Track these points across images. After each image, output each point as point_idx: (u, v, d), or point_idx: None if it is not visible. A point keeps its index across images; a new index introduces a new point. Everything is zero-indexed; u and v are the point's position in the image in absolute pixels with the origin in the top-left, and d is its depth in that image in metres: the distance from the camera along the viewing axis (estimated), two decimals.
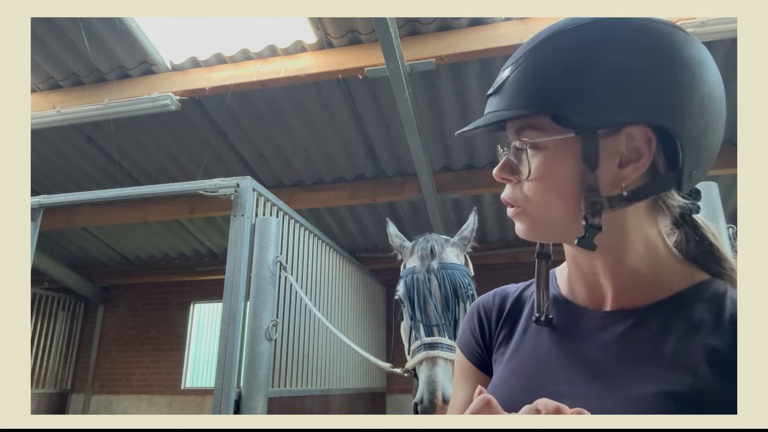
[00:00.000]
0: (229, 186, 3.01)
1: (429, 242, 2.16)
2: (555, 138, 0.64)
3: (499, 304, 0.84)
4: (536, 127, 0.65)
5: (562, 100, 0.62)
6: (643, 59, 0.61)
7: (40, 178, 5.04)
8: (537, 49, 0.66)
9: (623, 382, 0.63)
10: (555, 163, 0.64)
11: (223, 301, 2.86)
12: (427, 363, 1.87)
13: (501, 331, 0.81)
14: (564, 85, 0.62)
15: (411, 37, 3.19)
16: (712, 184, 1.86)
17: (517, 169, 0.68)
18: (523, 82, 0.65)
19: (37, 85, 3.77)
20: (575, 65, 0.63)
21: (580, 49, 0.63)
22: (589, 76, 0.62)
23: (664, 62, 0.62)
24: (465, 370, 0.84)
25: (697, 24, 2.72)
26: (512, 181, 0.69)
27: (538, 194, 0.66)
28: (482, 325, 0.84)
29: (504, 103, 0.66)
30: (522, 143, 0.66)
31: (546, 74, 0.64)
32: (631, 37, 0.62)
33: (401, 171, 4.81)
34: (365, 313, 5.33)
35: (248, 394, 2.70)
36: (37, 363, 7.03)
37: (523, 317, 0.80)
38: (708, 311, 0.65)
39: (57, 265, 6.81)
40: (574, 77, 0.62)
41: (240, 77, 3.41)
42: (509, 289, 0.86)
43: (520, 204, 0.68)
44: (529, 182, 0.66)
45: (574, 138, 0.63)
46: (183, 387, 7.14)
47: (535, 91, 0.64)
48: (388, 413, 5.93)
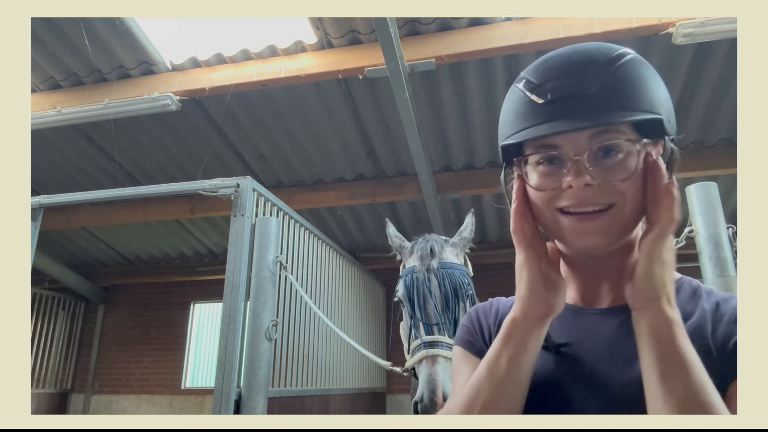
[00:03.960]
0: (229, 186, 3.01)
1: (428, 242, 2.16)
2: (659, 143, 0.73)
3: (496, 309, 0.91)
4: (618, 132, 0.71)
5: (662, 110, 0.71)
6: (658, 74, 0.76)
7: (40, 178, 5.04)
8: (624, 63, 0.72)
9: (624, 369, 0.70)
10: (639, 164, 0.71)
11: (223, 301, 2.86)
12: (427, 361, 1.87)
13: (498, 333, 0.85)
14: (663, 98, 0.72)
15: (411, 37, 3.19)
16: (712, 184, 1.86)
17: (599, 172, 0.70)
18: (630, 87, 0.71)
19: (38, 85, 3.77)
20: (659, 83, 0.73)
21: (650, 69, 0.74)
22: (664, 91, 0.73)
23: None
24: (466, 360, 0.87)
25: (697, 24, 2.71)
26: (593, 185, 0.70)
27: (635, 190, 0.70)
28: (481, 323, 0.90)
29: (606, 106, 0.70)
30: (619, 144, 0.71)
31: (647, 85, 0.71)
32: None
33: (401, 171, 4.81)
34: (365, 313, 5.33)
35: (248, 394, 2.70)
36: (37, 363, 7.03)
37: None
38: (689, 302, 0.75)
39: (57, 265, 6.81)
40: (664, 92, 0.73)
41: (240, 77, 3.41)
42: (503, 299, 0.94)
43: (616, 200, 0.70)
44: (631, 181, 0.70)
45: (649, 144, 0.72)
46: (183, 387, 7.15)
47: (643, 97, 0.70)
48: (388, 413, 5.94)
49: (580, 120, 0.69)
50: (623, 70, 0.71)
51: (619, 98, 0.70)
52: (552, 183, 0.72)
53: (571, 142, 0.71)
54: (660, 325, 0.64)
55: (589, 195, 0.70)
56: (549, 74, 0.73)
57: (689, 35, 2.77)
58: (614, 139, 0.70)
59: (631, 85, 0.70)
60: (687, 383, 0.60)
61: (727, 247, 1.76)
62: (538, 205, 0.74)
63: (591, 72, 0.71)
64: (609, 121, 0.69)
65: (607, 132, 0.70)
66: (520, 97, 0.75)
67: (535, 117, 0.72)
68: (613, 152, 0.70)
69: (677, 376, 0.60)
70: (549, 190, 0.72)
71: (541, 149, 0.73)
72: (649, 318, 0.65)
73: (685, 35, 2.77)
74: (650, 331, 0.64)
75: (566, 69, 0.73)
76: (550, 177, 0.73)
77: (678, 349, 0.62)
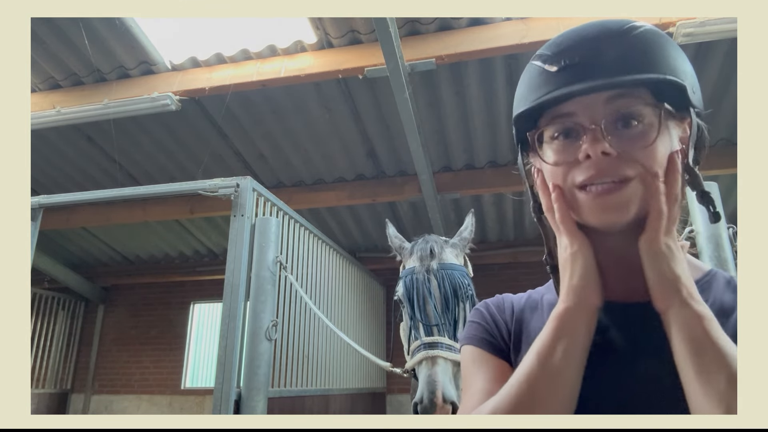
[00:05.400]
0: (229, 186, 3.01)
1: (428, 243, 2.16)
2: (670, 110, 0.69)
3: (510, 305, 0.86)
4: (636, 97, 0.67)
5: (686, 78, 0.68)
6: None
7: (40, 178, 5.04)
8: (642, 31, 0.69)
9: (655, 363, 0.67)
10: (665, 134, 0.68)
11: (223, 301, 2.86)
12: (426, 362, 1.87)
13: (518, 330, 0.82)
14: (686, 68, 0.69)
15: (411, 37, 3.19)
16: (712, 184, 1.86)
17: (620, 141, 0.67)
18: (647, 52, 0.67)
19: (37, 85, 3.77)
20: (681, 55, 0.70)
21: (672, 41, 0.71)
22: (688, 63, 0.70)
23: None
24: (481, 359, 0.82)
25: (697, 24, 2.71)
26: (611, 153, 0.67)
27: (659, 160, 0.67)
28: (496, 320, 0.85)
29: (620, 69, 0.66)
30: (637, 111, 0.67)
31: (666, 53, 0.68)
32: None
33: (401, 171, 4.81)
34: (365, 313, 5.33)
35: (248, 394, 2.70)
36: (37, 363, 7.03)
37: (537, 319, 0.81)
38: (725, 293, 0.72)
39: (57, 264, 6.81)
40: (687, 65, 0.69)
41: (240, 77, 3.41)
42: (511, 296, 0.89)
43: (636, 172, 0.66)
44: (650, 149, 0.67)
45: (670, 113, 0.68)
46: (183, 387, 7.14)
47: (662, 62, 0.67)
48: (388, 413, 5.93)
49: (594, 82, 0.66)
50: (641, 37, 0.68)
51: (635, 62, 0.67)
52: (568, 156, 0.69)
53: (587, 108, 0.68)
54: (686, 321, 0.61)
55: (608, 165, 0.66)
56: (563, 44, 0.71)
57: (689, 35, 2.77)
58: (632, 105, 0.67)
59: (649, 50, 0.67)
60: (726, 375, 0.57)
61: (728, 247, 1.77)
62: (556, 183, 0.71)
63: (606, 39, 0.69)
64: (623, 82, 0.65)
65: (625, 97, 0.67)
66: (534, 69, 0.73)
67: (549, 85, 0.69)
68: (633, 122, 0.67)
69: (714, 369, 0.58)
70: (565, 165, 0.69)
71: (557, 120, 0.70)
72: (674, 316, 0.62)
73: (686, 35, 2.77)
74: (677, 328, 0.62)
75: (581, 38, 0.70)
76: (566, 151, 0.70)
77: (710, 342, 0.59)
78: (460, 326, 2.00)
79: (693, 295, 0.63)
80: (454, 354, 1.90)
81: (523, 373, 0.67)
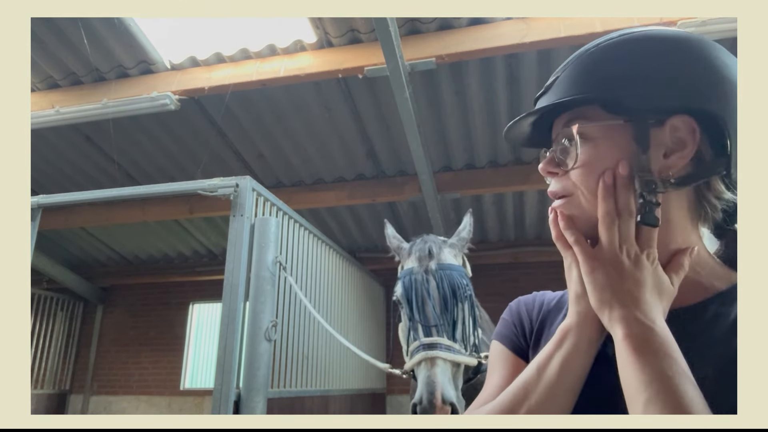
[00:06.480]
0: (229, 186, 3.01)
1: (427, 243, 2.16)
2: (606, 123, 0.67)
3: (540, 304, 0.87)
4: (586, 118, 0.69)
5: (615, 85, 0.67)
6: (689, 51, 0.68)
7: (39, 178, 5.03)
8: (589, 52, 0.71)
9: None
10: (604, 150, 0.68)
11: (222, 301, 2.86)
12: (425, 363, 1.87)
13: (540, 329, 0.83)
14: (616, 72, 0.68)
15: (411, 37, 3.19)
16: None
17: (563, 161, 0.71)
18: (576, 75, 0.70)
19: (36, 84, 3.76)
20: (626, 56, 0.68)
21: (630, 43, 0.69)
22: (639, 64, 0.67)
23: (706, 54, 0.68)
24: (502, 355, 0.84)
25: (698, 24, 2.72)
26: (558, 174, 0.72)
27: (588, 179, 0.68)
28: (522, 318, 0.87)
29: (555, 96, 0.71)
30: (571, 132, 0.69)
31: (598, 66, 0.69)
32: (677, 39, 0.69)
33: (401, 171, 4.80)
34: (365, 313, 5.33)
35: (248, 394, 2.70)
36: (35, 363, 7.02)
37: (560, 321, 0.81)
38: None
39: (56, 265, 6.80)
40: (624, 66, 0.68)
41: (239, 77, 3.41)
42: (548, 294, 0.90)
43: (570, 191, 0.71)
44: (578, 169, 0.69)
45: (623, 125, 0.67)
46: (182, 388, 7.14)
47: (586, 80, 0.69)
48: (388, 414, 5.93)
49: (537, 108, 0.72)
50: (593, 55, 0.70)
51: (563, 85, 0.71)
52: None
53: (555, 129, 0.74)
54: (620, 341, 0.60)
55: (554, 183, 0.73)
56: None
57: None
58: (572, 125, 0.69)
59: (592, 69, 0.69)
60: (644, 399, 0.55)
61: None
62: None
63: (572, 60, 0.72)
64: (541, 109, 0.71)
65: (576, 118, 0.70)
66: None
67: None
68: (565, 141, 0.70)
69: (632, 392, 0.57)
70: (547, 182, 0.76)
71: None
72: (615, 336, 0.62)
73: None
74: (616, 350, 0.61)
75: (564, 62, 0.75)
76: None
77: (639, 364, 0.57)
78: (459, 327, 2.00)
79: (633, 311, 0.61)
80: (453, 355, 1.90)
81: (521, 380, 0.69)
